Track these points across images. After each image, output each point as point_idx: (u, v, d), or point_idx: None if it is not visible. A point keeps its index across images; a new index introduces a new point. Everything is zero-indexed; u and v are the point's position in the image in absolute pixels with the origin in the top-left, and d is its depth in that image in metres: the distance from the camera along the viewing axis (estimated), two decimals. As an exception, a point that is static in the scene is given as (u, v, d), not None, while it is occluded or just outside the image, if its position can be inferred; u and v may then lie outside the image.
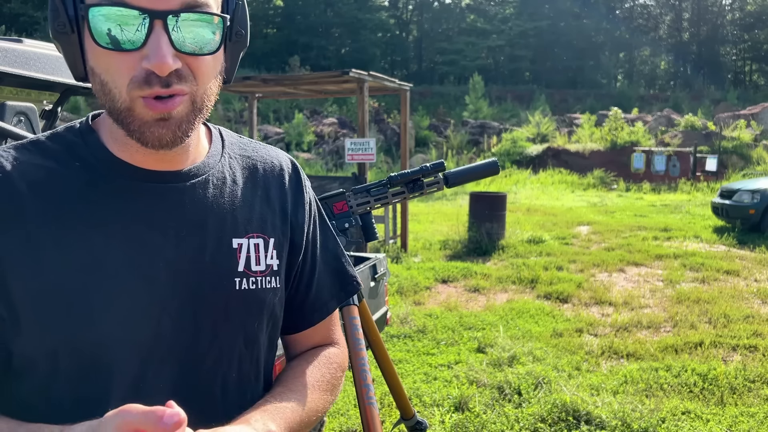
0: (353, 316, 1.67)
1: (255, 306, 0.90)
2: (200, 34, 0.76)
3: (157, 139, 0.77)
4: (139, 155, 0.83)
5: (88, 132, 0.85)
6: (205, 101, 0.80)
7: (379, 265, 3.12)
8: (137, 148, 0.81)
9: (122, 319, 0.79)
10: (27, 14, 36.21)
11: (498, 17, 50.64)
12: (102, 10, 0.72)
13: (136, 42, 0.73)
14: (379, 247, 8.24)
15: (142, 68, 0.73)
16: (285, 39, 44.81)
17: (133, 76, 0.74)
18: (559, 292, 6.41)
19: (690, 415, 3.59)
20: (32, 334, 0.77)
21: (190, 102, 0.78)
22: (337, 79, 7.72)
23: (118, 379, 0.80)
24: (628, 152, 20.87)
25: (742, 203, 9.99)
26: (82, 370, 0.79)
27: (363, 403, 1.59)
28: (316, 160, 22.33)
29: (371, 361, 1.79)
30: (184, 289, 0.83)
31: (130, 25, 0.72)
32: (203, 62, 0.78)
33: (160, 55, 0.72)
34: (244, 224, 0.90)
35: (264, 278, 0.90)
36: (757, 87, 48.97)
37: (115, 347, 0.79)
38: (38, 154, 0.82)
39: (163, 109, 0.75)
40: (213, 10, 0.77)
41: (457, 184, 1.82)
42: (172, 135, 0.77)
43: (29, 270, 0.76)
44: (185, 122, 0.78)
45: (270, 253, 0.92)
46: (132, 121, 0.76)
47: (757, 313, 5.70)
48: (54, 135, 0.85)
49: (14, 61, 2.06)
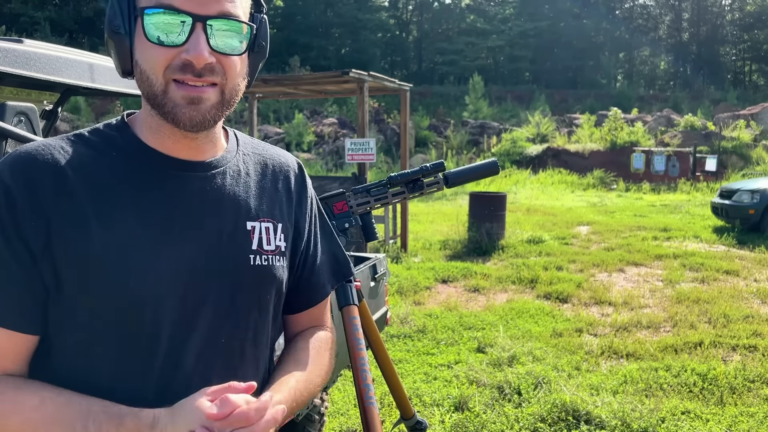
0: (353, 316, 1.67)
1: (267, 279, 1.03)
2: (231, 38, 0.92)
3: (188, 119, 0.91)
4: (170, 142, 0.96)
5: (123, 127, 0.99)
6: (233, 95, 0.95)
7: (379, 265, 3.12)
8: (169, 134, 0.95)
9: (155, 286, 0.90)
10: (27, 14, 36.21)
11: (498, 17, 50.61)
12: (155, 12, 0.88)
13: (179, 40, 0.89)
14: (379, 247, 8.24)
15: (181, 58, 0.89)
16: (285, 39, 44.79)
17: (171, 63, 0.89)
18: (558, 292, 6.41)
19: (690, 415, 3.59)
20: (75, 297, 0.89)
21: (220, 92, 0.92)
22: (337, 79, 7.72)
23: (153, 341, 0.91)
24: (627, 152, 20.87)
25: (742, 203, 9.99)
26: (121, 332, 0.91)
27: (363, 403, 1.59)
28: (316, 160, 22.33)
29: (371, 361, 1.79)
30: (207, 264, 0.96)
31: (176, 25, 0.88)
32: (232, 61, 0.93)
33: (199, 49, 0.88)
34: (257, 210, 1.04)
35: (274, 257, 1.04)
36: (757, 87, 48.96)
37: (149, 311, 0.90)
38: (81, 144, 0.95)
39: (195, 92, 0.90)
40: (243, 20, 0.93)
41: (457, 184, 1.82)
42: (202, 117, 0.91)
43: (75, 240, 0.88)
44: (214, 108, 0.92)
45: (278, 236, 1.06)
46: (166, 102, 0.90)
47: (756, 313, 5.70)
48: (94, 130, 0.98)
49: (14, 61, 2.06)
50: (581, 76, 49.22)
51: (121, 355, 0.91)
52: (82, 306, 0.89)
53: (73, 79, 2.30)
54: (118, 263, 0.89)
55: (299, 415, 2.33)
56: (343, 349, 1.57)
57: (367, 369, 1.62)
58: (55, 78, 2.22)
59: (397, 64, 52.77)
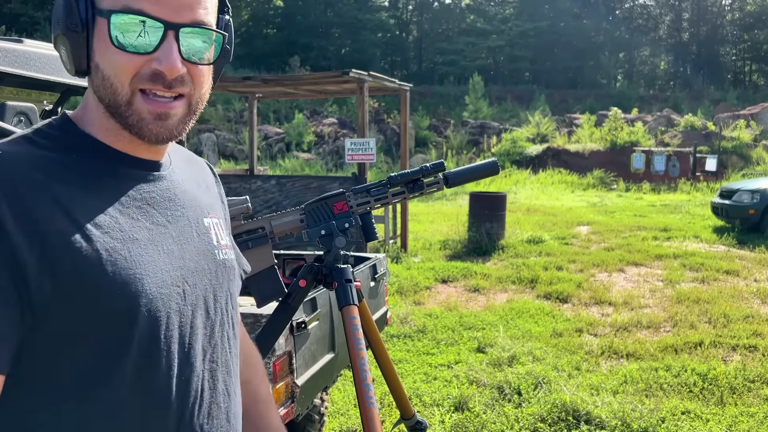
0: (353, 316, 1.67)
1: (232, 273, 1.04)
2: (202, 47, 0.88)
3: (154, 135, 0.87)
4: (132, 145, 0.91)
5: (70, 126, 0.90)
6: (199, 105, 0.92)
7: (379, 265, 3.12)
8: (129, 139, 0.89)
9: (160, 287, 0.87)
10: (27, 14, 36.17)
11: (498, 17, 50.58)
12: (124, 17, 0.82)
13: (149, 47, 0.84)
14: (379, 247, 8.24)
15: (151, 68, 0.84)
16: (285, 39, 44.75)
17: (139, 72, 0.84)
18: (558, 292, 6.41)
19: (690, 415, 3.59)
20: (85, 304, 0.80)
21: (187, 103, 0.89)
22: (337, 79, 7.72)
23: (166, 342, 0.87)
24: (627, 152, 20.86)
25: (742, 203, 9.99)
26: (135, 335, 0.84)
27: (363, 403, 1.59)
28: (316, 160, 22.31)
29: (371, 361, 1.79)
30: (194, 263, 0.94)
31: (146, 32, 0.83)
32: (202, 70, 0.90)
33: (171, 59, 0.84)
34: (206, 206, 1.03)
35: (228, 250, 1.04)
36: (757, 87, 48.94)
37: (159, 313, 0.86)
38: (36, 147, 0.85)
39: (165, 108, 0.86)
40: (213, 28, 0.90)
41: (457, 184, 1.82)
42: (169, 133, 0.88)
43: (75, 248, 0.80)
44: (182, 122, 0.89)
45: (224, 230, 1.07)
46: (131, 115, 0.85)
47: (756, 313, 5.70)
48: (37, 131, 0.88)
49: (14, 61, 2.06)
50: (581, 76, 49.20)
51: (139, 358, 0.84)
52: (94, 311, 0.80)
53: (73, 79, 2.30)
54: (123, 265, 0.83)
55: (299, 415, 2.33)
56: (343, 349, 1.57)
57: (367, 369, 1.62)
58: (55, 78, 2.22)
59: (397, 64, 52.75)
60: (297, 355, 2.23)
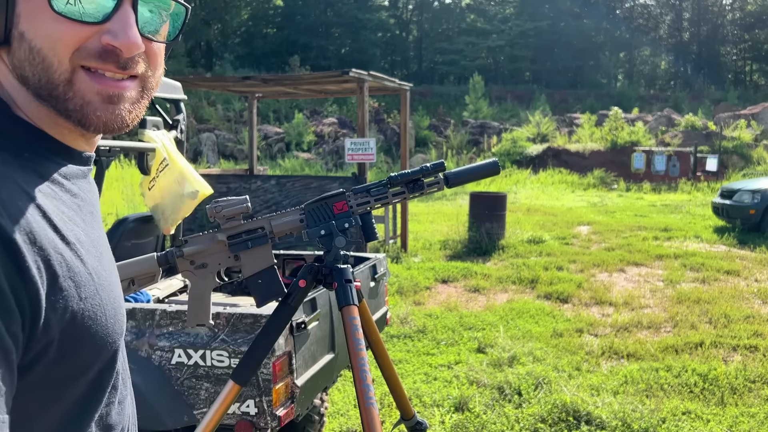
0: (353, 316, 1.67)
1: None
2: (159, 20, 0.72)
3: (103, 123, 0.69)
4: (72, 135, 0.73)
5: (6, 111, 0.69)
6: (153, 90, 0.75)
7: (379, 265, 3.12)
8: (69, 129, 0.72)
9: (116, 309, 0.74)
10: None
11: (498, 17, 50.57)
12: None
13: (99, 14, 0.66)
14: (379, 247, 8.23)
15: (101, 42, 0.67)
16: (285, 39, 44.74)
17: (83, 45, 0.66)
18: (559, 292, 6.40)
19: (690, 416, 3.59)
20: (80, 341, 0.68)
21: (141, 86, 0.73)
22: (337, 79, 7.72)
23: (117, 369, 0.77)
24: (628, 152, 20.85)
25: (743, 203, 9.99)
26: (104, 366, 0.73)
27: (363, 404, 1.59)
28: (316, 160, 22.30)
29: (371, 361, 1.79)
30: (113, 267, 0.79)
31: None
32: (160, 49, 0.74)
33: (130, 34, 0.67)
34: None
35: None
36: (758, 87, 48.93)
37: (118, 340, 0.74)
38: None
39: (117, 87, 0.69)
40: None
41: (457, 184, 1.81)
42: (120, 121, 0.70)
43: (76, 280, 0.67)
44: (136, 107, 0.73)
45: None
46: (71, 98, 0.67)
47: (757, 313, 5.69)
48: None
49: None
50: (581, 75, 49.19)
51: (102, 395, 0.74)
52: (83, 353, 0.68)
53: None
54: (96, 296, 0.69)
55: (299, 415, 2.33)
56: (342, 350, 1.57)
57: (367, 369, 1.62)
58: None
59: (397, 64, 52.74)
60: (297, 355, 2.22)
